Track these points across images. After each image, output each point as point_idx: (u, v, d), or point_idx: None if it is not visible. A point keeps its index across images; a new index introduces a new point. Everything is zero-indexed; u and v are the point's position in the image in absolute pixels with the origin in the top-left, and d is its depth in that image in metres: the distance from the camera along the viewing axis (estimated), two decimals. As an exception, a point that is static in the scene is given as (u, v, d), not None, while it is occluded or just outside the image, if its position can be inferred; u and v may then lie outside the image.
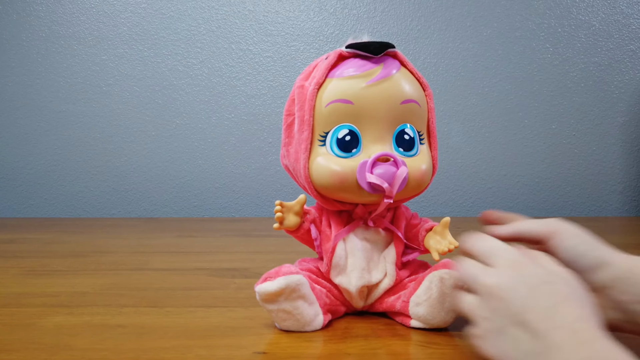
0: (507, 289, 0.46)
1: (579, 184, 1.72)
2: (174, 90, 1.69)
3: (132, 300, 0.77)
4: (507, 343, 0.45)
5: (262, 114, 1.70)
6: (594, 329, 0.41)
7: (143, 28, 1.67)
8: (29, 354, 0.56)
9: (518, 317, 0.44)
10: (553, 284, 0.46)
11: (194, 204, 1.71)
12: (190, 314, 0.70)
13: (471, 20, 1.67)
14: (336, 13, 1.68)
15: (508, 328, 0.45)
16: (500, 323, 0.46)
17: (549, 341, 0.41)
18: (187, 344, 0.59)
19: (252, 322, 0.66)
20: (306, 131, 0.62)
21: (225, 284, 0.85)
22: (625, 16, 1.68)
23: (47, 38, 1.67)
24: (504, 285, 0.47)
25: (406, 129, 0.63)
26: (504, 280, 0.47)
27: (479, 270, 0.50)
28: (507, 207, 1.71)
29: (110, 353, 0.56)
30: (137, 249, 1.16)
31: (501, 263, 0.49)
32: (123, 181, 1.71)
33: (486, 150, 1.71)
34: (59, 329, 0.64)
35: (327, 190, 0.63)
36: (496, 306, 0.46)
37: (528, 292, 0.45)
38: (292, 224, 0.64)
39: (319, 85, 0.62)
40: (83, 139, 1.70)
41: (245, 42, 1.69)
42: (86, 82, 1.68)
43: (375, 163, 0.60)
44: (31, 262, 1.03)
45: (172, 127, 1.70)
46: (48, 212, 1.72)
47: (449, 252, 0.63)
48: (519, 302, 0.45)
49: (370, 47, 0.62)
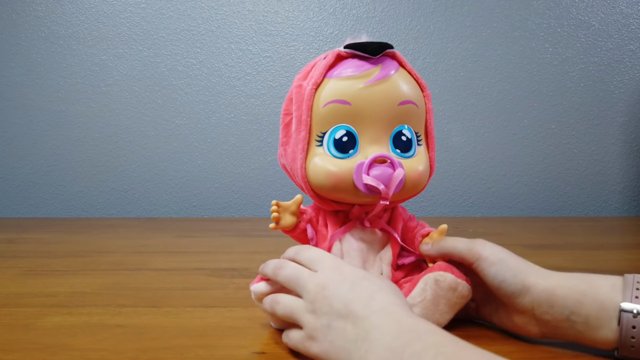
0: (331, 287, 0.51)
1: (579, 184, 1.72)
2: (174, 90, 1.69)
3: (131, 300, 0.77)
4: (333, 336, 0.49)
5: (262, 114, 1.70)
6: (405, 311, 0.47)
7: (142, 28, 1.67)
8: (27, 354, 0.56)
9: (342, 310, 0.49)
10: (370, 279, 0.52)
11: (193, 204, 1.71)
12: (189, 314, 0.70)
13: (470, 20, 1.67)
14: (335, 13, 1.68)
15: (333, 322, 0.49)
16: (326, 319, 0.50)
17: (369, 324, 0.46)
18: (186, 343, 0.59)
19: (251, 322, 0.66)
20: (303, 131, 0.62)
21: (224, 284, 0.85)
22: (624, 16, 1.68)
23: (47, 38, 1.67)
24: (327, 284, 0.52)
25: (404, 130, 0.63)
26: (328, 280, 0.52)
27: (303, 273, 0.55)
28: (506, 207, 1.71)
29: (109, 353, 0.56)
30: (136, 249, 1.16)
31: (323, 267, 0.55)
32: (122, 181, 1.71)
33: (485, 150, 1.71)
34: (58, 329, 0.64)
35: (324, 191, 0.63)
36: (321, 304, 0.51)
37: (349, 287, 0.51)
38: (288, 223, 0.64)
39: (317, 85, 0.62)
40: (82, 139, 1.70)
41: (245, 42, 1.69)
42: (85, 82, 1.68)
43: (372, 164, 0.60)
44: (30, 262, 1.03)
45: (171, 127, 1.70)
46: (47, 212, 1.72)
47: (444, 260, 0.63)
48: (342, 296, 0.50)
49: (368, 47, 0.62)
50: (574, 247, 1.18)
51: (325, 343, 0.50)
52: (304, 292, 0.54)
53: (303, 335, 0.53)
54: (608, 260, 1.07)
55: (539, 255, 1.08)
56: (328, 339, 0.49)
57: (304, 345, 0.53)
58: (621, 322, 0.52)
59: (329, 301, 0.50)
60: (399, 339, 0.44)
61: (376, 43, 0.62)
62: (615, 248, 1.21)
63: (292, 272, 0.56)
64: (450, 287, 0.59)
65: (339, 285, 0.51)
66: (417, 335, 0.43)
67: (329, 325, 0.50)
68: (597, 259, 1.06)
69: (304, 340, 0.53)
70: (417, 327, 0.45)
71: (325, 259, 0.56)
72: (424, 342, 0.42)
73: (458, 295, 0.59)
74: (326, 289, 0.51)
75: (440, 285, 0.58)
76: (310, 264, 0.56)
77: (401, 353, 0.42)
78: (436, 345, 0.42)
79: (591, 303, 0.54)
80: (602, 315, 0.53)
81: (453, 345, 0.42)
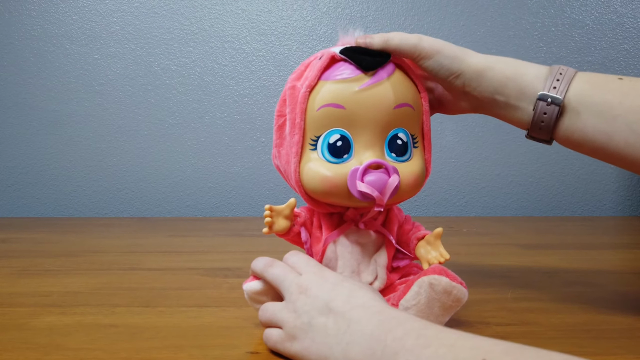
0: (313, 288, 0.54)
1: (573, 184, 1.72)
2: (167, 89, 1.68)
3: (124, 300, 0.77)
4: (314, 333, 0.50)
5: (255, 114, 1.70)
6: (384, 305, 0.50)
7: (135, 27, 1.67)
8: (21, 353, 0.56)
9: (323, 308, 0.51)
10: (351, 281, 0.54)
11: (187, 204, 1.71)
12: (182, 313, 0.70)
13: (465, 19, 1.67)
14: (329, 12, 1.68)
15: (314, 319, 0.51)
16: (306, 317, 0.52)
17: (349, 318, 0.48)
18: (179, 343, 0.59)
19: (244, 321, 0.66)
20: (297, 135, 0.62)
21: (217, 284, 0.85)
22: (619, 15, 1.68)
23: (39, 37, 1.67)
24: (309, 285, 0.54)
25: (399, 133, 0.63)
26: (310, 282, 0.55)
27: (289, 274, 0.58)
28: (500, 207, 1.71)
29: (103, 353, 0.56)
30: (129, 249, 1.15)
31: (307, 271, 0.57)
32: (115, 181, 1.70)
33: (479, 150, 1.71)
34: (51, 329, 0.64)
35: (318, 195, 0.63)
36: (303, 303, 0.53)
37: (331, 287, 0.53)
38: (281, 227, 0.64)
39: (311, 87, 0.62)
40: (75, 138, 1.69)
41: (238, 41, 1.68)
42: (78, 81, 1.68)
43: (366, 170, 0.59)
44: (23, 261, 1.03)
45: (164, 126, 1.69)
46: (40, 211, 1.71)
47: (440, 264, 0.63)
48: (324, 295, 0.52)
49: (362, 62, 0.61)
50: (568, 247, 1.18)
51: (306, 340, 0.51)
52: (287, 293, 0.56)
53: (282, 334, 0.54)
54: (602, 259, 1.07)
55: (533, 254, 1.09)
56: (309, 336, 0.51)
57: (284, 345, 0.54)
58: (535, 107, 0.62)
59: (310, 300, 0.52)
60: (380, 327, 0.45)
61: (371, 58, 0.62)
62: (609, 247, 1.22)
63: (279, 271, 0.59)
64: (444, 291, 0.58)
65: (321, 286, 0.54)
66: (398, 322, 0.45)
67: (310, 322, 0.51)
68: (591, 259, 1.06)
69: (283, 340, 0.54)
70: (397, 315, 0.47)
71: (311, 265, 0.58)
72: (405, 327, 0.44)
73: (453, 298, 0.59)
74: (308, 290, 0.54)
75: (435, 288, 0.58)
76: (296, 267, 0.59)
77: (383, 339, 0.44)
78: (417, 329, 0.43)
79: (514, 87, 0.63)
80: (521, 99, 0.63)
81: (433, 328, 0.43)
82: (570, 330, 0.64)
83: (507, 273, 0.93)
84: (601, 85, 0.61)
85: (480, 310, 0.72)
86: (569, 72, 0.62)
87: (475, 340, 0.40)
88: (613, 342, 0.60)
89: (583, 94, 0.61)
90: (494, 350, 0.38)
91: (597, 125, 0.60)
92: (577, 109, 0.61)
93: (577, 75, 0.62)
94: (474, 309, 0.72)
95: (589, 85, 0.61)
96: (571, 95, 0.61)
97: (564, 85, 0.61)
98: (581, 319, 0.68)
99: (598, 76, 0.62)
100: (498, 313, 0.71)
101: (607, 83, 0.61)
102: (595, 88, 0.61)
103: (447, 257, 0.63)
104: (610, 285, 0.87)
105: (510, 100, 0.64)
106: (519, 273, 0.93)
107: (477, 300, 0.75)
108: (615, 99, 0.60)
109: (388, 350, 0.43)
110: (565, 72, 0.62)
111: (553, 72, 0.62)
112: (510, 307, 0.74)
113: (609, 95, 0.60)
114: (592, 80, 0.62)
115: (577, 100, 0.61)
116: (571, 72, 0.62)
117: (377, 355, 0.44)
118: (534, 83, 0.62)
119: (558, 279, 0.89)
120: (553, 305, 0.74)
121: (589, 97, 0.61)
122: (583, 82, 0.62)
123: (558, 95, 0.61)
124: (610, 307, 0.73)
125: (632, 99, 0.59)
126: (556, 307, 0.73)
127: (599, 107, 0.60)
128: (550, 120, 0.62)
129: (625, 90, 0.60)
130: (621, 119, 0.59)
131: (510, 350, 0.38)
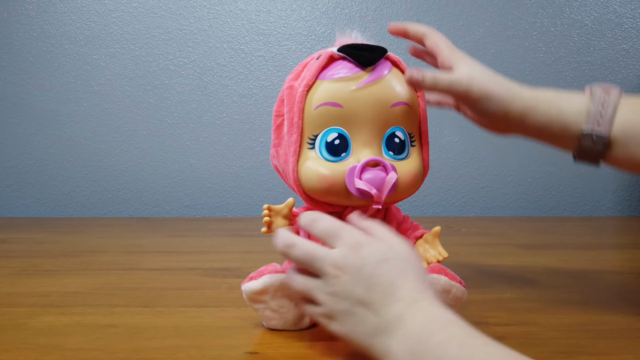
0: (350, 271, 0.50)
1: (572, 184, 1.72)
2: (166, 89, 1.68)
3: (123, 300, 0.77)
4: (354, 322, 0.49)
5: (254, 114, 1.69)
6: (429, 299, 0.48)
7: (134, 27, 1.67)
8: (20, 354, 0.56)
9: (362, 298, 0.48)
10: (391, 261, 0.50)
11: (186, 204, 1.71)
12: (181, 313, 0.70)
13: (464, 19, 1.67)
14: (328, 12, 1.68)
15: (354, 308, 0.49)
16: (345, 304, 0.49)
17: (392, 313, 0.46)
18: (178, 343, 0.59)
19: (243, 322, 0.66)
20: (295, 134, 0.62)
21: (216, 284, 0.85)
22: (618, 15, 1.68)
23: (38, 37, 1.67)
24: (346, 267, 0.50)
25: (397, 131, 0.63)
26: (346, 263, 0.50)
27: (320, 253, 0.52)
28: (499, 207, 1.71)
29: (102, 353, 0.56)
30: (128, 249, 1.15)
31: (341, 244, 0.52)
32: (114, 181, 1.70)
33: (478, 150, 1.71)
34: (50, 329, 0.64)
35: (316, 194, 0.63)
36: (341, 288, 0.50)
37: (369, 273, 0.49)
38: (280, 227, 0.64)
39: (309, 87, 0.62)
40: (74, 138, 1.69)
41: (237, 42, 1.68)
42: (77, 81, 1.68)
43: (364, 168, 0.59)
44: (22, 261, 1.03)
45: (163, 126, 1.69)
46: (39, 211, 1.71)
47: (438, 262, 0.63)
48: (362, 284, 0.49)
49: (360, 59, 0.62)
50: (567, 247, 1.18)
51: (346, 326, 0.50)
52: (321, 274, 0.52)
53: (322, 311, 0.52)
54: (601, 259, 1.07)
55: (533, 255, 1.09)
56: (349, 323, 0.49)
57: (324, 321, 0.53)
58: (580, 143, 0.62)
59: (349, 287, 0.49)
60: (423, 328, 0.44)
61: (369, 54, 0.62)
62: (608, 248, 1.22)
63: (305, 251, 0.53)
64: (444, 290, 0.59)
65: (359, 270, 0.50)
66: (442, 325, 0.44)
67: (349, 310, 0.49)
68: (590, 259, 1.06)
69: (322, 317, 0.53)
70: (440, 317, 0.45)
71: (342, 234, 0.53)
72: (448, 332, 0.43)
73: (452, 297, 0.59)
74: (345, 273, 0.50)
75: (434, 287, 0.58)
76: (326, 238, 0.54)
77: (425, 342, 0.43)
78: (461, 337, 0.42)
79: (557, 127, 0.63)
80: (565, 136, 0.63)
81: (477, 338, 0.42)
82: (569, 330, 0.64)
83: (506, 273, 0.93)
84: None
85: (479, 310, 0.72)
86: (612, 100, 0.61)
87: None
88: (612, 342, 0.60)
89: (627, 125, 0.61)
90: None
91: None
92: (623, 142, 0.61)
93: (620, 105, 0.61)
94: (473, 308, 0.72)
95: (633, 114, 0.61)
96: (616, 129, 0.60)
97: (608, 119, 0.60)
98: (580, 319, 0.68)
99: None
100: (497, 313, 0.71)
101: None
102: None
103: (445, 255, 0.63)
104: (609, 285, 0.87)
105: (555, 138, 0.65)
106: (518, 273, 0.93)
107: (476, 300, 0.75)
108: None
109: (430, 355, 0.42)
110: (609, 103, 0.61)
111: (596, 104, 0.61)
112: (510, 307, 0.73)
113: None
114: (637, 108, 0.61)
115: (622, 133, 0.61)
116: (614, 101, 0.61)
117: (419, 357, 0.43)
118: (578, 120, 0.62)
119: (557, 279, 0.89)
120: (552, 305, 0.74)
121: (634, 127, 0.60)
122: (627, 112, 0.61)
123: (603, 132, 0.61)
124: (610, 307, 0.73)
125: None
126: (555, 307, 0.73)
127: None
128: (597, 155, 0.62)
129: None
130: None
131: None
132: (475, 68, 0.66)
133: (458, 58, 0.67)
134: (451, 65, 0.66)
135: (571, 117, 0.62)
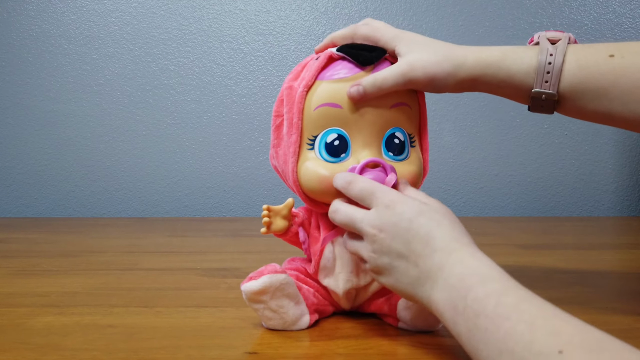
0: (388, 229, 0.52)
1: (571, 184, 1.72)
2: (165, 89, 1.68)
3: (122, 300, 0.76)
4: (398, 275, 0.52)
5: (254, 114, 1.69)
6: (466, 247, 0.49)
7: (134, 27, 1.67)
8: (19, 354, 0.56)
9: (402, 251, 0.51)
10: (426, 213, 0.52)
11: (185, 204, 1.71)
12: (180, 314, 0.70)
13: (463, 19, 1.67)
14: (327, 12, 1.68)
15: (395, 262, 0.52)
16: (387, 259, 0.53)
17: (432, 264, 0.49)
18: (177, 344, 0.59)
19: (243, 322, 0.66)
20: (294, 134, 0.62)
21: (216, 284, 0.85)
22: (617, 15, 1.68)
23: (38, 37, 1.67)
24: (383, 226, 0.53)
25: (396, 132, 0.63)
26: (383, 221, 0.53)
27: (358, 215, 0.56)
28: (499, 207, 1.71)
29: (101, 353, 0.56)
30: (127, 249, 1.15)
31: (377, 203, 0.54)
32: (114, 181, 1.70)
33: (478, 150, 1.71)
34: (49, 329, 0.64)
35: (316, 195, 0.62)
36: (380, 246, 0.53)
37: (407, 226, 0.51)
38: (279, 228, 0.64)
39: (308, 87, 0.62)
40: (74, 138, 1.69)
41: (237, 42, 1.68)
42: (77, 81, 1.68)
43: (363, 169, 0.59)
44: (21, 261, 1.02)
45: (162, 126, 1.69)
46: (38, 211, 1.71)
47: None
48: (400, 238, 0.51)
49: (359, 58, 0.61)
50: (567, 247, 1.18)
51: (392, 279, 0.53)
52: (362, 234, 0.55)
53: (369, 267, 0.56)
54: (601, 260, 1.07)
55: (531, 255, 1.08)
56: (394, 276, 0.53)
57: (374, 276, 0.56)
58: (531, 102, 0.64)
59: (387, 243, 0.52)
60: (462, 283, 0.46)
61: (368, 53, 0.62)
62: (607, 248, 1.22)
63: (345, 216, 0.57)
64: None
65: (396, 225, 0.52)
66: (480, 279, 0.46)
67: (391, 264, 0.52)
68: (589, 259, 1.06)
69: (372, 272, 0.56)
70: (479, 271, 0.47)
71: (377, 193, 0.55)
72: (486, 288, 0.45)
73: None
74: (383, 231, 0.53)
75: None
76: (363, 199, 0.56)
77: (464, 297, 0.45)
78: (497, 294, 0.44)
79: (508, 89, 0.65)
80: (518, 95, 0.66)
81: (513, 295, 0.44)
82: (568, 330, 0.64)
83: (506, 273, 0.93)
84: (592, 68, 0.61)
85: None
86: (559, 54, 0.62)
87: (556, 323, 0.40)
88: (612, 342, 0.60)
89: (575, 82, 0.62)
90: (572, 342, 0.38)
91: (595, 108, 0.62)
92: (573, 97, 0.62)
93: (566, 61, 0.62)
94: (473, 309, 0.71)
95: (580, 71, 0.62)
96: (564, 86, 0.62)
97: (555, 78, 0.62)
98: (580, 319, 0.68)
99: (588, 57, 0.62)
100: (497, 313, 0.71)
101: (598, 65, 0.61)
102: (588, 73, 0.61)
103: None
104: (608, 286, 0.87)
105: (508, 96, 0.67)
106: (517, 273, 0.92)
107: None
108: (609, 83, 0.60)
109: (469, 311, 0.44)
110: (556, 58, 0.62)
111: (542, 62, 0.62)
112: (509, 307, 0.73)
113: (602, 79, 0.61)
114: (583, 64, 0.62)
115: (571, 90, 0.62)
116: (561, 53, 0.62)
117: (459, 310, 0.45)
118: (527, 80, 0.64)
119: (557, 279, 0.89)
120: (552, 305, 0.74)
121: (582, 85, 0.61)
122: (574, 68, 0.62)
123: (551, 91, 0.62)
124: (609, 307, 0.73)
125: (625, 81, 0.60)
126: (555, 307, 0.73)
127: (593, 94, 0.61)
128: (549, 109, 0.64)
129: (617, 72, 0.60)
130: (617, 101, 0.60)
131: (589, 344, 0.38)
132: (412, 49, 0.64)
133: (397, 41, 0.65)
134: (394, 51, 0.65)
135: (520, 77, 0.64)
